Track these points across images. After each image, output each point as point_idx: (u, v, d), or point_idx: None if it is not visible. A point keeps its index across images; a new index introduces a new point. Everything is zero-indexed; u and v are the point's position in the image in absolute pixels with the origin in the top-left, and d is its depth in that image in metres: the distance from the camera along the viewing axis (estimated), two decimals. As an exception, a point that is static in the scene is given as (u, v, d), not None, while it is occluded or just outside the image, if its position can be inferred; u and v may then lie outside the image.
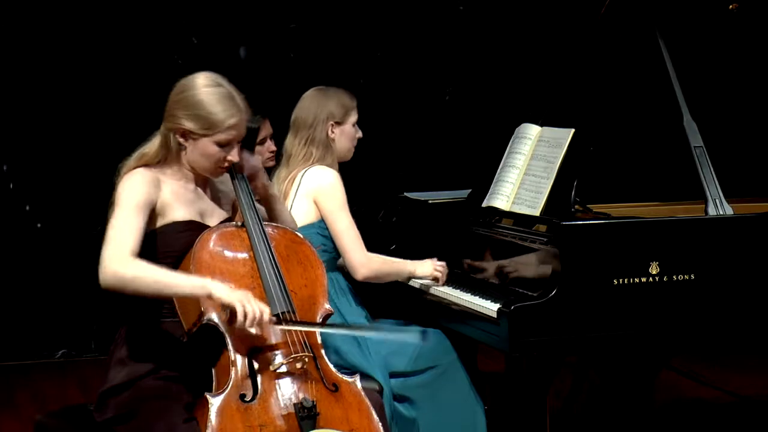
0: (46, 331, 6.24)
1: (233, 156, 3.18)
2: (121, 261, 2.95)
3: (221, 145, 3.15)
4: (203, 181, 3.27)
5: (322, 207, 3.86)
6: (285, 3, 6.51)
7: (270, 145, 4.74)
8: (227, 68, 6.20)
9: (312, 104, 4.01)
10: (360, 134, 4.07)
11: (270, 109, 4.88)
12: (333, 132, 3.98)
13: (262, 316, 2.96)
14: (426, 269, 3.96)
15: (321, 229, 3.88)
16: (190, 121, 3.12)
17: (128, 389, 3.09)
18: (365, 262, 3.83)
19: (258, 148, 4.70)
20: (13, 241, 6.18)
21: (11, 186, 6.18)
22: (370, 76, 6.61)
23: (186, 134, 3.15)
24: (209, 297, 2.95)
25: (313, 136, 3.96)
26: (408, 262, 4.00)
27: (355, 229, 3.85)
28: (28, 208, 6.21)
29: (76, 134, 6.18)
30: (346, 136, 4.01)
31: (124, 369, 3.12)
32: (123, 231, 3.01)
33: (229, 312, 2.96)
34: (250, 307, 2.94)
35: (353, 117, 4.03)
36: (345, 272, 3.95)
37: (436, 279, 3.96)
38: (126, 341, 3.17)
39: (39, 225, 6.23)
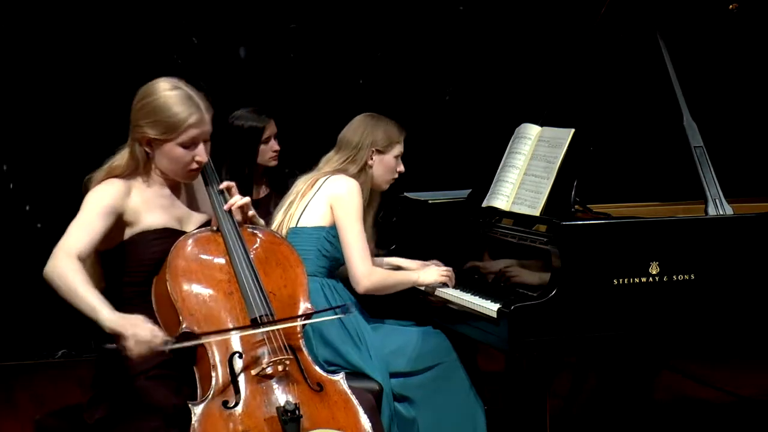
0: (46, 331, 6.24)
1: (201, 156, 3.15)
2: (63, 256, 2.95)
3: (185, 146, 3.13)
4: (178, 187, 3.25)
5: (336, 213, 3.87)
6: (285, 3, 6.51)
7: (273, 145, 4.76)
8: (227, 68, 6.26)
9: (360, 128, 4.02)
10: (402, 168, 4.07)
11: (270, 109, 4.89)
12: (372, 158, 3.99)
13: (155, 339, 2.87)
14: (430, 277, 3.96)
15: (329, 235, 3.88)
16: (152, 127, 3.12)
17: (116, 391, 3.08)
18: (367, 274, 3.82)
19: (262, 147, 4.72)
20: (13, 241, 6.18)
21: (11, 186, 6.18)
22: (370, 76, 6.61)
23: (151, 142, 3.14)
24: (98, 322, 2.90)
25: (354, 157, 3.98)
26: (411, 271, 4.01)
27: (364, 241, 3.85)
28: (28, 208, 6.21)
29: (76, 134, 6.18)
30: (384, 165, 4.02)
31: (113, 372, 3.11)
32: (79, 230, 3.01)
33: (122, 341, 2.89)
34: (142, 331, 2.86)
35: (397, 150, 4.04)
36: (344, 279, 3.95)
37: (444, 284, 3.96)
38: (115, 343, 3.15)
39: (39, 225, 6.23)
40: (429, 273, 3.98)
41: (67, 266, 2.95)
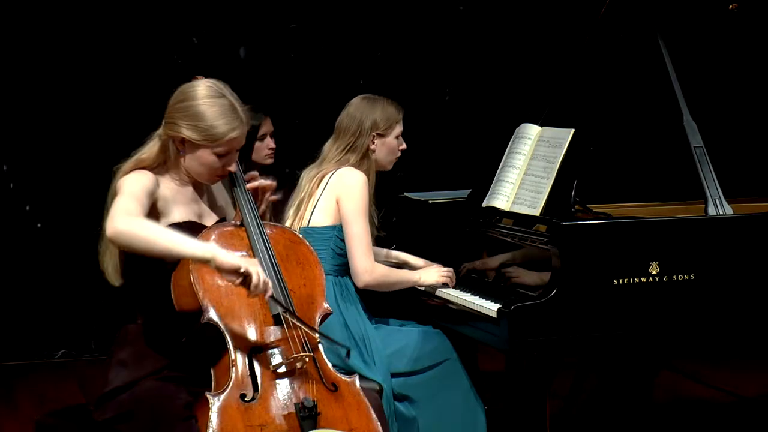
0: (46, 331, 6.24)
1: (232, 166, 3.18)
2: (127, 215, 2.94)
3: (220, 155, 3.14)
4: (200, 184, 3.27)
5: (342, 207, 3.86)
6: (285, 3, 6.51)
7: (269, 143, 4.77)
8: (227, 68, 6.26)
9: (357, 112, 3.98)
10: (404, 146, 4.06)
11: (270, 109, 4.89)
12: (374, 143, 3.97)
13: (268, 282, 2.94)
14: (431, 278, 3.96)
15: (340, 232, 3.88)
16: (191, 131, 3.11)
17: (128, 390, 3.09)
18: (369, 269, 3.82)
19: (258, 144, 4.74)
20: (13, 241, 6.18)
21: (11, 186, 6.18)
22: (370, 76, 6.61)
23: (185, 141, 3.14)
24: (212, 261, 2.90)
25: (354, 144, 3.95)
26: (412, 272, 4.01)
27: (368, 236, 3.85)
28: (28, 208, 6.21)
29: (76, 134, 6.18)
30: (387, 147, 4.00)
31: (124, 370, 3.12)
32: (128, 200, 3.00)
33: (239, 283, 2.93)
34: (257, 270, 2.92)
35: (397, 129, 4.02)
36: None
37: (444, 285, 3.96)
38: (126, 342, 3.17)
39: (39, 225, 6.23)
40: (430, 274, 3.98)
41: (139, 221, 2.94)
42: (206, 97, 3.13)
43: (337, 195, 3.88)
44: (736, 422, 4.87)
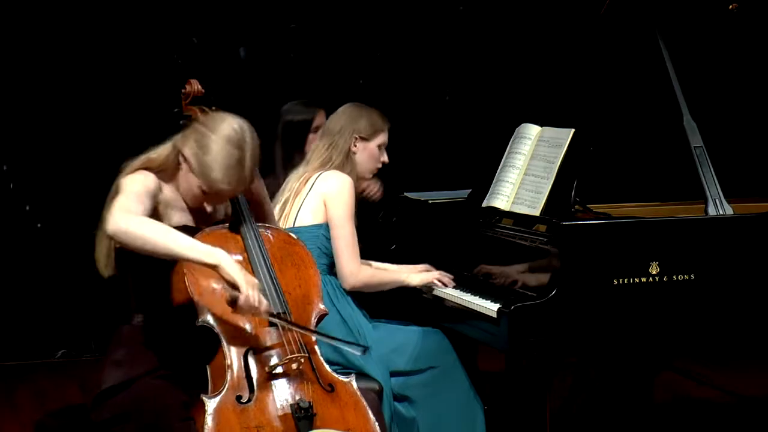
0: (46, 331, 6.23)
1: (210, 208, 3.18)
2: (128, 212, 2.94)
3: (209, 195, 3.15)
4: None
5: (329, 210, 3.87)
6: (285, 3, 6.51)
7: None
8: (227, 68, 6.25)
9: (344, 115, 4.03)
10: (385, 158, 4.06)
11: (270, 108, 4.89)
12: (356, 145, 3.98)
13: (260, 307, 2.95)
14: (417, 277, 3.98)
15: (327, 231, 3.89)
16: (193, 158, 3.11)
17: (124, 390, 3.09)
18: (354, 272, 3.83)
19: (311, 136, 4.78)
20: (13, 241, 6.18)
21: (11, 186, 6.18)
22: (370, 76, 6.61)
23: (186, 159, 3.15)
24: (216, 267, 2.92)
25: (336, 142, 3.97)
26: (402, 272, 4.02)
27: (355, 239, 3.86)
28: (28, 208, 6.21)
29: (76, 134, 6.18)
30: (368, 153, 4.01)
31: (119, 370, 3.12)
32: (130, 199, 3.00)
33: (230, 295, 2.95)
34: (254, 293, 2.93)
35: (380, 138, 4.03)
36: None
37: (433, 285, 3.96)
38: (122, 342, 3.17)
39: (39, 225, 6.23)
40: (416, 274, 3.99)
41: (142, 219, 2.93)
42: (225, 139, 3.09)
43: (324, 198, 3.89)
44: (736, 422, 4.87)
